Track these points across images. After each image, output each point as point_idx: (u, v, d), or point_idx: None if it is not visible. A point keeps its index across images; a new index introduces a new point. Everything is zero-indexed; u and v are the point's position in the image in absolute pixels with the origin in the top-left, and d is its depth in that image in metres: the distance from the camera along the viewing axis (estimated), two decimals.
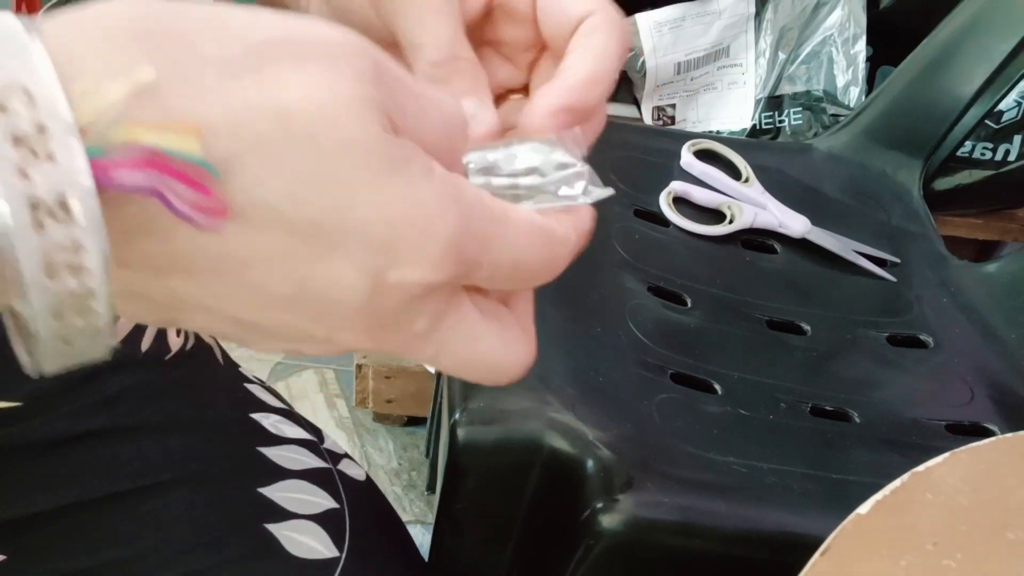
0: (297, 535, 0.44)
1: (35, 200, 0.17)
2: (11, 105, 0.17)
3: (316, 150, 0.20)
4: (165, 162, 0.18)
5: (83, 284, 0.18)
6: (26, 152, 0.17)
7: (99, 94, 0.18)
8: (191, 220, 0.19)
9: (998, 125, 0.95)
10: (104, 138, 0.18)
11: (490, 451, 0.48)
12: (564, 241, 0.26)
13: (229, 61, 0.20)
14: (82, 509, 0.42)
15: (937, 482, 0.34)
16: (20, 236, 0.17)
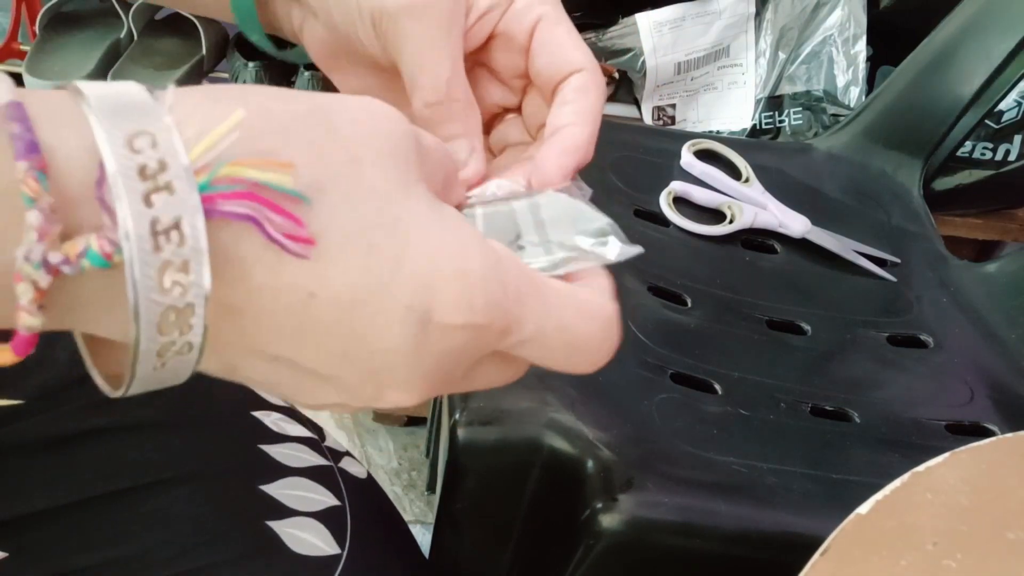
0: (299, 532, 0.44)
1: (155, 221, 0.20)
2: (139, 146, 0.21)
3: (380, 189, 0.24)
4: (262, 193, 0.22)
5: (186, 299, 0.21)
6: (150, 183, 0.20)
7: (207, 136, 0.21)
8: (282, 245, 0.22)
9: (998, 125, 0.95)
10: (212, 174, 0.21)
11: (490, 451, 0.48)
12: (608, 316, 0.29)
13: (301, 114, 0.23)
14: (83, 507, 0.42)
15: (937, 482, 0.34)
16: (140, 254, 0.20)
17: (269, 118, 0.23)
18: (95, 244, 0.20)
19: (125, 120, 0.21)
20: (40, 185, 0.20)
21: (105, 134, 0.20)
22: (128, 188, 0.20)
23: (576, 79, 0.35)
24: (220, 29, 1.44)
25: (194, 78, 1.38)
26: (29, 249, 0.20)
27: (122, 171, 0.20)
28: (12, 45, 1.46)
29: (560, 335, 0.27)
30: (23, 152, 0.20)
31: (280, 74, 1.38)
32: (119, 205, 0.20)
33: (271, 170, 0.22)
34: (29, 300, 0.20)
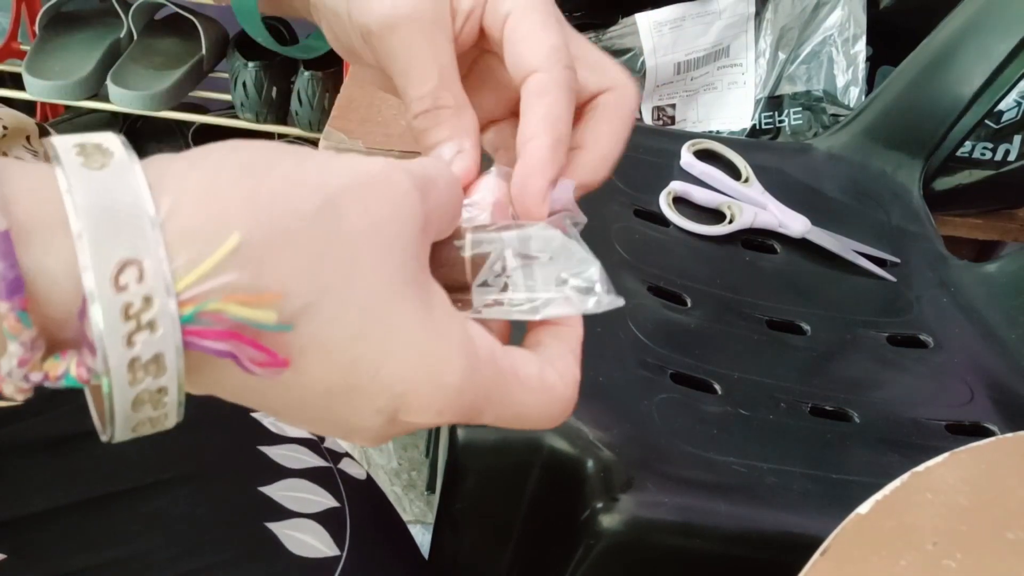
0: (298, 534, 0.44)
1: (135, 360, 0.22)
2: (125, 281, 0.21)
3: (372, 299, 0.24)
4: (244, 333, 0.23)
5: (161, 412, 0.23)
6: (133, 324, 0.21)
7: (196, 268, 0.22)
8: (255, 374, 0.23)
9: (998, 125, 0.95)
10: (198, 306, 0.22)
11: (490, 451, 0.48)
12: (565, 399, 0.30)
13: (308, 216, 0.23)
14: (83, 508, 0.42)
15: (937, 482, 0.34)
16: (118, 389, 0.22)
17: (270, 230, 0.23)
18: (73, 370, 0.21)
19: (115, 243, 0.21)
20: (21, 324, 0.21)
21: (92, 269, 0.21)
22: (110, 330, 0.21)
23: (532, 82, 0.33)
24: (220, 29, 1.44)
25: (194, 78, 1.38)
26: (11, 370, 0.21)
27: (105, 312, 0.21)
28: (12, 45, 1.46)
29: (515, 419, 0.29)
30: (5, 293, 0.20)
31: (280, 74, 1.38)
32: (99, 346, 0.21)
33: (257, 307, 0.22)
34: (13, 391, 0.22)
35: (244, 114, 1.40)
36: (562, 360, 0.31)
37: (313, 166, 0.25)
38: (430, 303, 0.26)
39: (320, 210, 0.24)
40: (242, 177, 0.23)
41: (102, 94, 1.35)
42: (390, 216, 0.25)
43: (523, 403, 0.29)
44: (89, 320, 0.21)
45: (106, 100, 1.34)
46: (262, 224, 0.23)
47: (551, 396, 0.29)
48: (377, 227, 0.25)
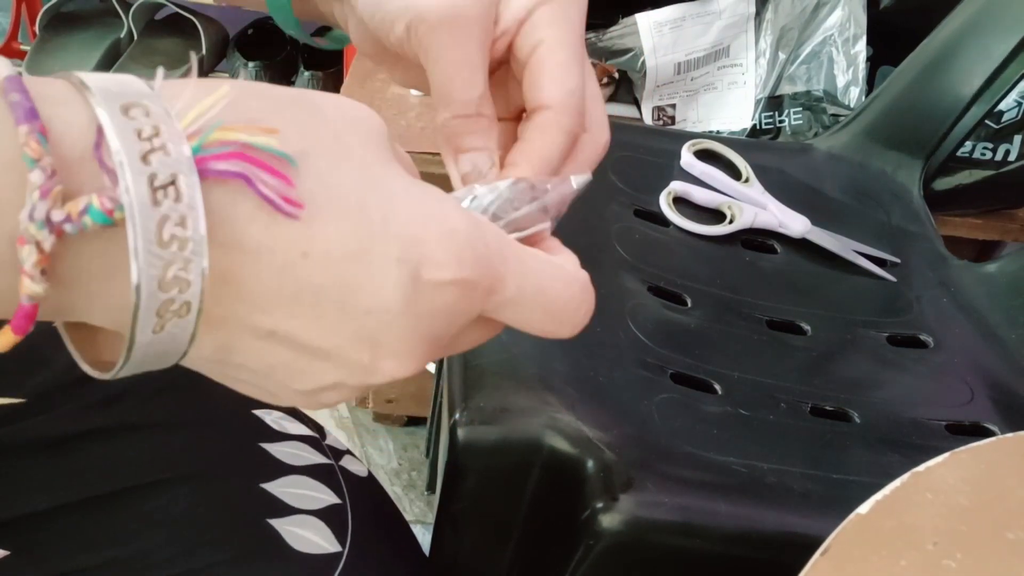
0: (300, 530, 0.44)
1: (153, 177, 0.21)
2: (134, 114, 0.22)
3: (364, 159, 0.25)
4: (252, 153, 0.22)
5: (184, 254, 0.22)
6: (147, 144, 0.21)
7: (195, 107, 0.22)
8: (274, 204, 0.23)
9: (998, 125, 0.95)
10: (203, 138, 0.22)
11: (490, 451, 0.48)
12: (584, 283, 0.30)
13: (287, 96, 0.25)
14: (84, 507, 0.42)
15: (937, 482, 0.34)
16: (140, 207, 0.21)
17: (255, 95, 0.24)
18: (96, 201, 0.21)
19: (119, 96, 0.22)
20: (41, 146, 0.20)
21: (102, 102, 0.21)
22: (127, 147, 0.21)
23: (541, 117, 0.34)
24: (220, 29, 1.44)
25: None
26: (33, 207, 0.20)
27: (119, 133, 0.21)
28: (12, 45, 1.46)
29: (539, 298, 0.28)
30: (23, 117, 0.20)
31: (280, 74, 1.38)
32: (118, 160, 0.21)
33: (259, 134, 0.23)
34: (33, 264, 0.20)
35: None
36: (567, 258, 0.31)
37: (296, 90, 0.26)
38: (418, 181, 0.27)
39: (297, 97, 0.25)
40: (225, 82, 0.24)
41: None
42: (364, 119, 0.26)
43: (541, 277, 0.28)
44: (106, 145, 0.21)
45: None
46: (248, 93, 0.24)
47: (568, 275, 0.29)
48: (353, 121, 0.26)
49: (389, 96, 1.11)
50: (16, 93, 0.21)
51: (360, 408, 1.22)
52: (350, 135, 0.25)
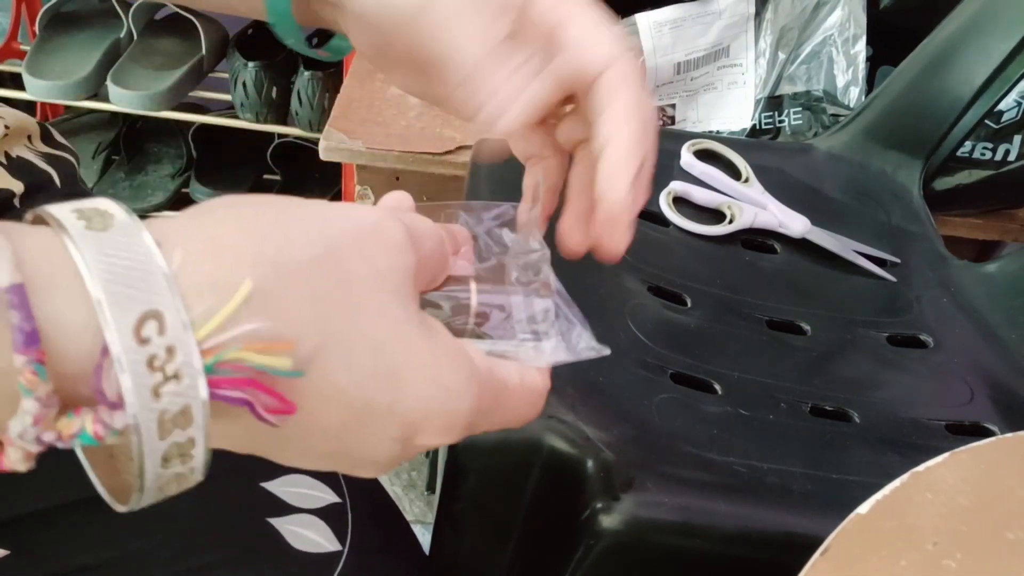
0: (299, 529, 0.44)
1: (163, 414, 0.22)
2: (147, 333, 0.21)
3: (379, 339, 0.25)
4: (261, 380, 0.23)
5: (189, 467, 0.24)
6: (159, 376, 0.21)
7: (214, 317, 0.22)
8: (267, 421, 0.24)
9: (998, 125, 0.95)
10: (217, 356, 0.22)
11: (490, 451, 0.48)
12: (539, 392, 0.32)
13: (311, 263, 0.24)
14: (84, 506, 0.42)
15: (937, 482, 0.34)
16: (150, 446, 0.22)
17: (276, 279, 0.23)
18: (89, 427, 0.21)
19: (133, 298, 0.21)
20: (38, 378, 0.20)
21: (114, 323, 0.21)
22: (137, 387, 0.21)
23: (603, 82, 0.34)
24: (220, 29, 1.44)
25: (194, 78, 1.38)
26: (23, 431, 0.21)
27: (131, 370, 0.21)
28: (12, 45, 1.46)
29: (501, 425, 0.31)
30: (22, 345, 0.20)
31: (280, 74, 1.38)
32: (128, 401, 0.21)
33: (272, 355, 0.23)
34: (18, 459, 0.21)
35: (244, 114, 1.40)
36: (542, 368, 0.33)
37: (312, 217, 0.26)
38: (433, 335, 0.28)
39: (322, 259, 0.25)
40: (245, 230, 0.24)
41: (102, 94, 1.35)
42: (386, 263, 0.26)
43: (514, 408, 0.31)
44: (110, 375, 0.21)
45: (106, 100, 1.34)
46: (268, 275, 0.23)
47: (532, 398, 0.32)
48: (376, 273, 0.26)
49: (389, 96, 1.11)
50: (17, 311, 0.20)
51: None
52: (370, 302, 0.26)
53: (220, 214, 0.24)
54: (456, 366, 0.28)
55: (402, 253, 0.27)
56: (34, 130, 0.53)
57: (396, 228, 0.27)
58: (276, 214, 0.25)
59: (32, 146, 0.52)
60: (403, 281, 0.27)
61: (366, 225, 0.27)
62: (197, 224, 0.24)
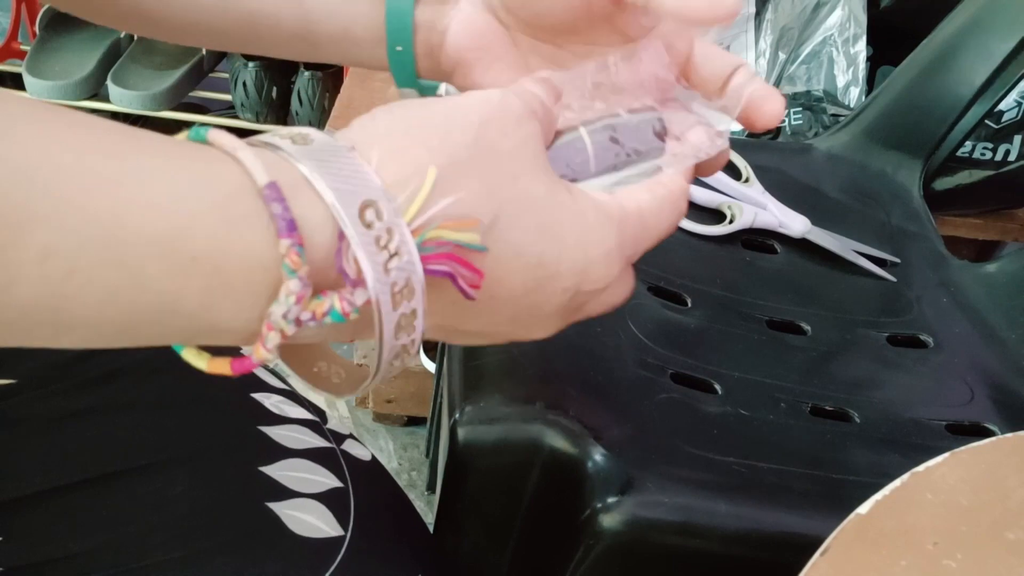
0: (300, 514, 0.43)
1: (394, 284, 0.25)
2: (369, 218, 0.25)
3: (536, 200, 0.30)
4: (458, 253, 0.27)
5: (411, 337, 0.27)
6: (385, 253, 0.25)
7: (415, 201, 0.26)
8: (465, 293, 0.28)
9: (998, 125, 0.95)
10: (422, 234, 0.26)
11: (490, 451, 0.48)
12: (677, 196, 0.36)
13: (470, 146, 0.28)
14: (78, 489, 0.42)
15: (937, 482, 0.34)
16: (387, 314, 0.26)
17: (452, 166, 0.27)
18: (338, 306, 0.25)
19: (351, 193, 0.25)
20: (300, 258, 0.24)
21: (344, 212, 0.25)
22: (372, 263, 0.25)
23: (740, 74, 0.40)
24: None
25: (194, 78, 1.38)
26: (287, 309, 0.24)
27: (365, 249, 0.25)
28: (12, 45, 1.46)
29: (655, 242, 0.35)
30: (285, 231, 0.24)
31: (280, 74, 1.38)
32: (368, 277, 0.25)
33: (464, 230, 0.27)
34: (275, 344, 0.24)
35: (244, 114, 1.40)
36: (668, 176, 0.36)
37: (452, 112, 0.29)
38: (571, 191, 0.31)
39: (475, 143, 0.28)
40: (410, 133, 0.28)
41: (102, 94, 1.35)
42: (521, 134, 0.30)
43: (654, 227, 0.34)
44: (348, 257, 0.25)
45: (106, 100, 1.34)
46: (442, 163, 0.27)
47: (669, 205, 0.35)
48: (517, 144, 0.30)
49: (389, 96, 1.11)
50: (277, 204, 0.24)
51: (360, 408, 1.22)
52: (522, 169, 0.29)
53: (384, 123, 0.28)
54: (597, 213, 0.32)
55: (530, 122, 0.31)
56: None
57: (516, 102, 0.31)
58: (426, 117, 0.29)
59: None
60: (538, 145, 0.31)
61: (494, 106, 0.30)
62: (371, 133, 0.28)
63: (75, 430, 0.43)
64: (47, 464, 0.42)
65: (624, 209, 0.33)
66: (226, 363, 0.25)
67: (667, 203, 0.35)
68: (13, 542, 0.40)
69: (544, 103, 0.34)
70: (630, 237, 0.33)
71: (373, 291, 0.25)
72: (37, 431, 0.43)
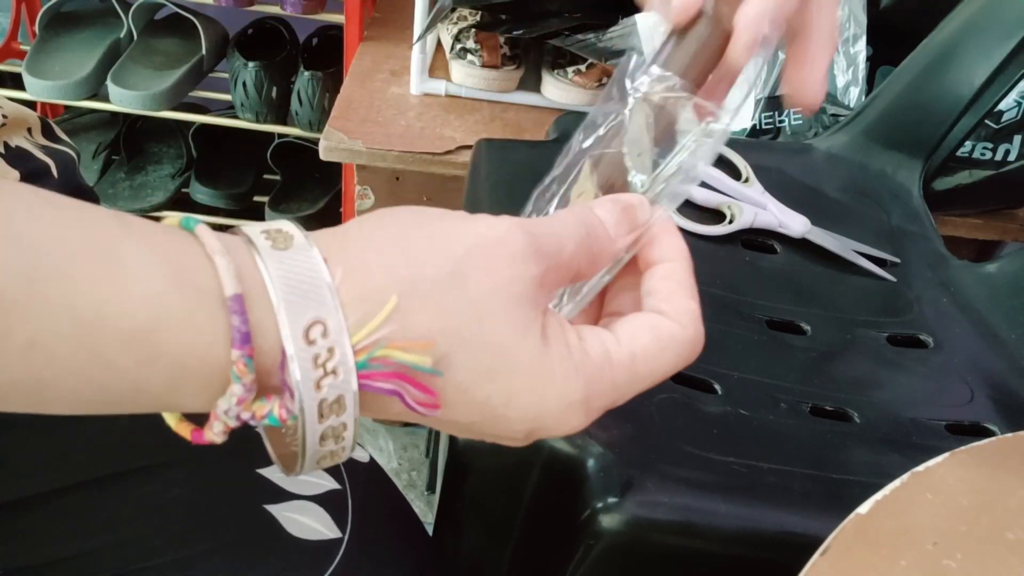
0: (298, 516, 0.43)
1: (322, 401, 0.27)
2: (314, 336, 0.26)
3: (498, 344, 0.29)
4: (407, 374, 0.28)
5: (340, 446, 0.28)
6: (320, 371, 0.26)
7: (367, 325, 0.27)
8: (417, 412, 0.28)
9: (998, 125, 0.95)
10: (370, 355, 0.27)
11: (490, 451, 0.48)
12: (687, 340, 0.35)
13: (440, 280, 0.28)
14: (77, 492, 0.42)
15: (937, 482, 0.34)
16: (310, 426, 0.27)
17: (415, 296, 0.28)
18: (276, 412, 0.27)
19: (304, 307, 0.26)
20: (247, 368, 0.25)
21: (289, 330, 0.26)
22: (304, 379, 0.26)
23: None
24: (220, 29, 1.44)
25: (194, 78, 1.38)
26: (228, 408, 0.26)
27: (300, 366, 0.26)
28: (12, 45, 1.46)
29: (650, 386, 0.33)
30: (239, 343, 0.25)
31: (280, 74, 1.38)
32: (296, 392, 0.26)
33: (415, 352, 0.28)
34: (219, 431, 0.27)
35: (244, 114, 1.40)
36: (672, 301, 0.35)
37: (442, 235, 0.29)
38: (546, 339, 0.30)
39: (450, 276, 0.29)
40: (387, 250, 0.29)
41: (102, 94, 1.35)
42: (507, 275, 0.29)
43: (649, 373, 0.33)
44: (288, 370, 0.26)
45: (106, 100, 1.34)
46: (407, 293, 0.28)
47: (673, 348, 0.34)
48: (497, 285, 0.29)
49: (389, 96, 1.11)
50: (236, 316, 0.25)
51: None
52: (492, 313, 0.29)
53: (368, 236, 0.29)
54: (566, 365, 0.30)
55: (524, 264, 0.30)
56: (34, 123, 0.53)
57: (518, 240, 0.30)
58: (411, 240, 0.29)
59: (32, 138, 0.52)
60: (525, 289, 0.30)
61: (490, 239, 0.30)
62: (350, 244, 0.29)
63: (74, 433, 0.43)
64: (47, 466, 0.42)
65: (610, 359, 0.32)
66: (188, 429, 0.28)
67: (670, 348, 0.34)
68: (13, 544, 0.40)
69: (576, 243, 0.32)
70: (608, 388, 0.32)
71: (298, 406, 0.26)
72: (37, 433, 0.43)
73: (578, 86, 1.08)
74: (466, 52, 1.09)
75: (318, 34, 1.47)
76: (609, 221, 0.34)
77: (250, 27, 1.46)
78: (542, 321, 0.30)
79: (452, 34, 1.11)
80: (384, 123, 1.06)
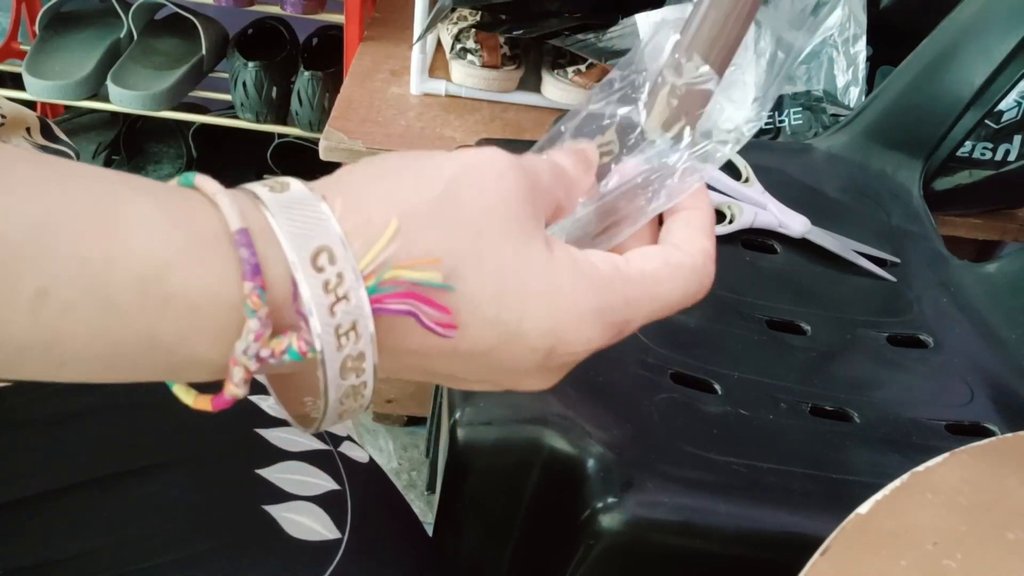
0: (297, 516, 0.43)
1: (338, 327, 0.26)
2: (321, 263, 0.26)
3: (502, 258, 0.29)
4: (419, 292, 0.28)
5: (361, 379, 0.28)
6: (332, 296, 0.26)
7: (371, 248, 0.27)
8: (435, 331, 0.28)
9: (998, 125, 0.95)
10: (379, 278, 0.27)
11: (490, 451, 0.48)
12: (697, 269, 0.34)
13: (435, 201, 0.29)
14: (77, 492, 0.42)
15: (937, 482, 0.34)
16: (329, 354, 0.26)
17: (414, 217, 0.28)
18: (295, 344, 0.26)
19: (308, 238, 0.26)
20: (260, 300, 0.25)
21: (296, 257, 0.26)
22: (317, 305, 0.26)
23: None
24: (220, 29, 1.44)
25: (194, 78, 1.38)
26: (247, 346, 0.26)
27: (311, 292, 0.26)
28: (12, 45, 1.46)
29: (662, 311, 0.33)
30: (249, 274, 0.25)
31: (280, 74, 1.38)
32: (311, 318, 0.26)
33: (423, 269, 0.28)
34: (239, 379, 0.26)
35: (244, 114, 1.40)
36: (686, 238, 0.35)
37: (431, 163, 0.30)
38: (550, 249, 0.31)
39: (443, 195, 0.29)
40: (380, 183, 0.29)
41: (102, 94, 1.35)
42: (497, 190, 0.30)
43: (660, 294, 0.33)
44: (301, 299, 0.26)
45: (106, 100, 1.34)
46: (406, 215, 0.28)
47: (682, 274, 0.33)
48: (490, 202, 0.30)
49: (389, 96, 1.11)
50: (245, 248, 0.25)
51: None
52: (490, 227, 0.29)
53: (359, 174, 0.29)
54: (575, 273, 0.30)
55: (514, 178, 0.30)
56: (33, 123, 0.53)
57: (503, 159, 0.31)
58: (399, 169, 0.30)
59: (31, 138, 0.52)
60: (518, 203, 0.30)
61: (476, 161, 0.30)
62: (344, 182, 0.29)
63: (74, 432, 0.43)
64: (46, 466, 0.42)
65: (620, 272, 0.32)
66: (207, 400, 0.28)
67: (679, 275, 0.33)
68: (13, 544, 0.40)
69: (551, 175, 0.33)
70: (620, 301, 0.32)
71: (315, 332, 0.26)
72: (36, 433, 0.43)
73: (578, 86, 1.08)
74: (466, 52, 1.10)
75: (318, 34, 1.47)
76: (567, 163, 0.35)
77: (250, 27, 1.46)
78: (543, 235, 0.31)
79: (452, 34, 1.11)
80: (384, 123, 1.06)
